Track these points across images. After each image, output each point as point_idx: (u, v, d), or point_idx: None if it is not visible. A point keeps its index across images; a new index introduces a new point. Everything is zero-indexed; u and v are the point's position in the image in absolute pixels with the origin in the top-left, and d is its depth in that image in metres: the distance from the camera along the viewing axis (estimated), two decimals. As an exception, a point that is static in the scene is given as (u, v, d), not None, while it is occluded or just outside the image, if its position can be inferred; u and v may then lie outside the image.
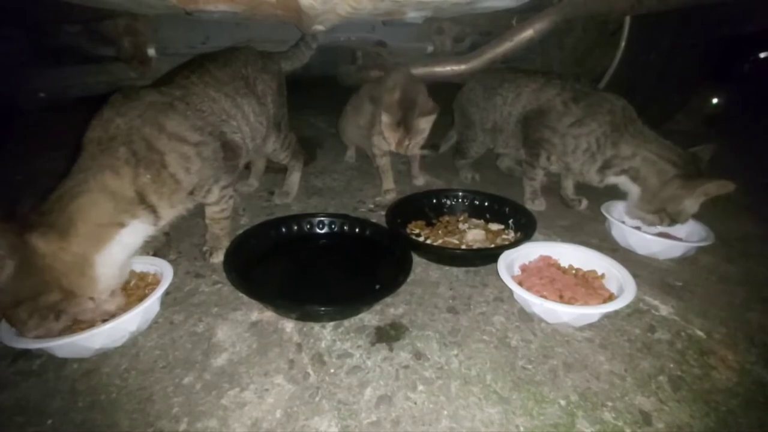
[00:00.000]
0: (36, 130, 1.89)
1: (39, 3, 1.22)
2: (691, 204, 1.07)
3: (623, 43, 1.74)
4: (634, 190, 1.16)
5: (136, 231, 0.80)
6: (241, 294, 0.89)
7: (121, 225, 0.77)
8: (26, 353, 0.76)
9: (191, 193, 0.88)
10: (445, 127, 1.70)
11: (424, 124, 1.14)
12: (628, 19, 1.69)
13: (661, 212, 1.10)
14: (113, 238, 0.76)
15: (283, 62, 1.30)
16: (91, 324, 0.75)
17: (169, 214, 0.86)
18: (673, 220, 1.09)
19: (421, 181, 1.54)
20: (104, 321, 0.76)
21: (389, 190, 1.39)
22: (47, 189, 0.76)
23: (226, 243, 1.01)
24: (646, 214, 1.14)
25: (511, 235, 1.13)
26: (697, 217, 1.11)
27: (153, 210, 0.81)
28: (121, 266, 0.79)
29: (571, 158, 1.24)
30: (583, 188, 1.36)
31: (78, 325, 0.75)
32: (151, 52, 1.45)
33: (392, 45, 1.65)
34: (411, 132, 1.13)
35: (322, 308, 0.83)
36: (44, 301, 0.69)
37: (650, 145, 1.14)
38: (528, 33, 1.38)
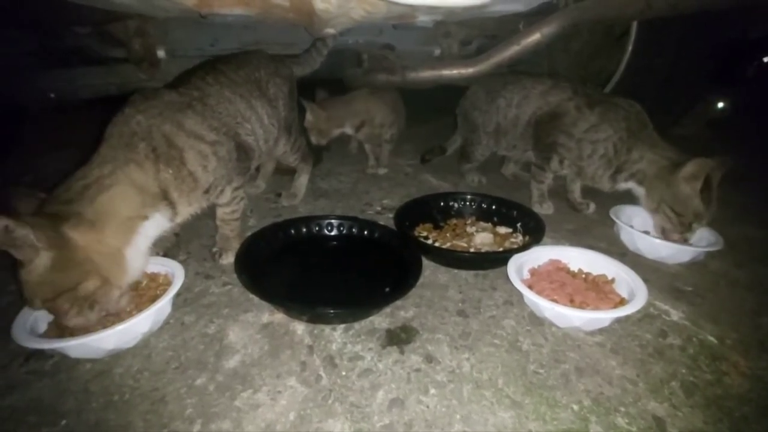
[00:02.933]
0: (45, 130, 1.90)
1: (49, 5, 1.22)
2: (685, 191, 1.05)
3: (630, 47, 1.74)
4: (642, 193, 1.17)
5: (157, 224, 0.82)
6: (251, 295, 0.89)
7: (146, 218, 0.79)
8: (39, 353, 0.76)
9: (206, 191, 0.90)
10: (451, 129, 1.70)
11: None
12: (635, 24, 1.70)
13: (662, 206, 1.10)
14: (139, 231, 0.78)
15: (295, 67, 1.31)
16: (104, 324, 0.75)
17: (186, 211, 0.88)
18: (679, 215, 1.07)
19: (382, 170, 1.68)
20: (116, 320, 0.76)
21: None
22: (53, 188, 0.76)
23: (235, 244, 1.01)
24: (653, 213, 1.14)
25: (519, 239, 1.13)
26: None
27: (173, 206, 0.83)
28: (145, 257, 0.81)
29: (586, 163, 1.24)
30: (589, 192, 1.36)
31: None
32: (161, 53, 1.45)
33: (400, 48, 1.65)
34: None
35: (333, 310, 0.83)
36: (83, 289, 0.71)
37: (656, 148, 1.15)
38: (535, 37, 1.37)
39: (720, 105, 2.53)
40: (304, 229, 1.11)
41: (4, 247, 0.63)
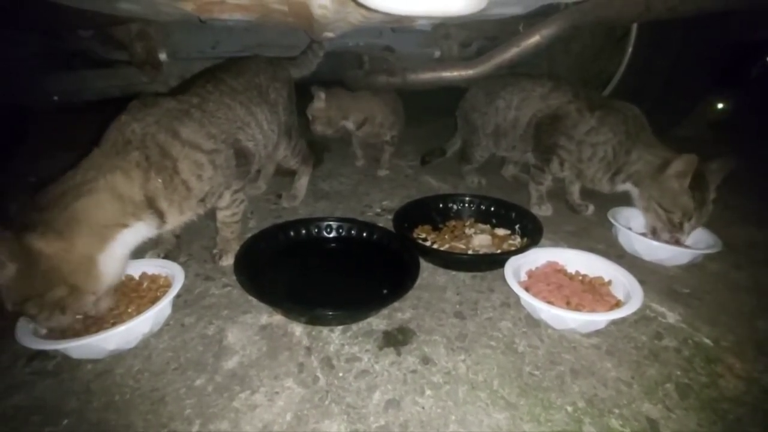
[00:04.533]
0: (49, 131, 1.92)
1: (53, 9, 1.24)
2: (673, 187, 1.06)
3: (630, 49, 1.74)
4: (636, 193, 1.18)
5: (139, 232, 0.80)
6: (250, 297, 0.90)
7: (125, 226, 0.77)
8: (41, 354, 0.77)
9: (202, 200, 0.89)
10: (451, 131, 1.71)
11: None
12: (635, 25, 1.70)
13: (651, 203, 1.10)
14: (116, 238, 0.76)
15: (292, 69, 1.32)
16: (100, 324, 0.77)
17: (177, 220, 0.86)
18: (668, 212, 1.07)
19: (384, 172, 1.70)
20: (112, 322, 0.78)
21: None
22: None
23: (236, 246, 1.02)
24: (644, 212, 1.15)
25: (517, 241, 1.14)
26: (704, 224, 1.11)
27: (160, 215, 0.82)
28: (122, 263, 0.80)
29: (585, 165, 1.25)
30: (588, 193, 1.36)
31: (93, 326, 0.77)
32: (163, 56, 1.47)
33: (400, 50, 1.66)
34: None
35: (331, 312, 0.84)
36: (51, 296, 0.70)
37: (652, 149, 1.16)
38: (535, 38, 1.37)
39: (721, 106, 2.52)
40: (304, 231, 1.12)
41: None
